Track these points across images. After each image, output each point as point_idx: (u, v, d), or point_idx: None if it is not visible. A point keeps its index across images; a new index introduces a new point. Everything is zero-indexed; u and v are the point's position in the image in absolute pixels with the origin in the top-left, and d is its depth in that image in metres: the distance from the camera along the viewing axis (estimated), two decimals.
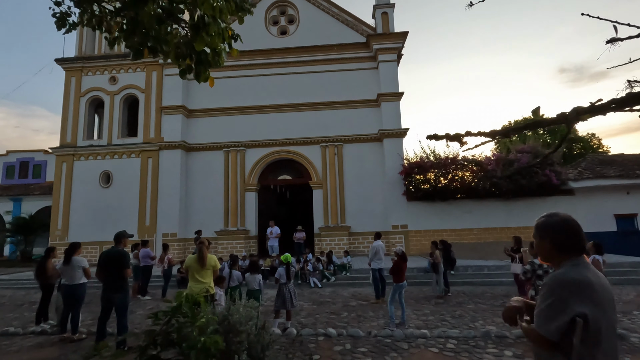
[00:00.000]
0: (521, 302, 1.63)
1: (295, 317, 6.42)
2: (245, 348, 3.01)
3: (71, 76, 16.61)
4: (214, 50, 2.21)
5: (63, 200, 15.56)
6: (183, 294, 2.73)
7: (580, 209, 13.90)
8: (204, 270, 4.81)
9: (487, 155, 14.80)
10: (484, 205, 14.15)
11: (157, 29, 2.07)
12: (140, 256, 9.13)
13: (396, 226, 14.28)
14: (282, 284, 5.91)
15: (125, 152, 15.81)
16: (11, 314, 7.61)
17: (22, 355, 4.73)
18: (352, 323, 6.09)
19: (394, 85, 15.34)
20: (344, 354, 4.47)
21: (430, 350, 4.51)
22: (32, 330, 5.87)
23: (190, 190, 15.57)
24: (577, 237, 1.49)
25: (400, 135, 14.91)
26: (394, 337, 5.06)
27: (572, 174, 14.38)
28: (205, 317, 2.77)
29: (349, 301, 8.06)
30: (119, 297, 4.69)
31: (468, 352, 4.41)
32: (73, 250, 5.50)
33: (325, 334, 5.26)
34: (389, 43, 15.55)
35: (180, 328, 2.56)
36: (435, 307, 7.22)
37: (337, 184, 15.01)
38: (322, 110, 15.67)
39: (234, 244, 14.56)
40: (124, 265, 4.73)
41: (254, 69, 16.23)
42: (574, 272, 1.41)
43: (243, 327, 3.08)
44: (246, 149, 15.64)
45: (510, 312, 1.61)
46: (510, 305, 1.64)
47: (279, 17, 16.93)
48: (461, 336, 5.02)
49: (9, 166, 22.32)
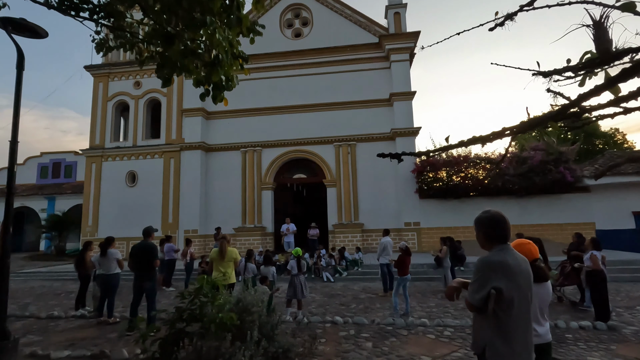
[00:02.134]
0: (460, 283, 2.07)
1: (306, 307, 6.91)
2: (257, 326, 3.50)
3: (99, 82, 17.66)
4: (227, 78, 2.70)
5: (93, 199, 16.63)
6: (205, 278, 3.25)
7: (597, 206, 13.81)
8: (225, 262, 5.40)
9: (500, 152, 14.83)
10: (496, 202, 14.19)
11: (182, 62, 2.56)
12: (165, 250, 9.83)
13: (409, 223, 14.57)
14: (294, 275, 6.40)
15: (149, 153, 16.72)
16: (52, 301, 8.45)
17: (68, 334, 5.42)
18: (359, 313, 6.53)
19: (406, 85, 15.56)
20: (348, 338, 4.92)
21: (428, 337, 4.90)
22: (72, 315, 6.61)
23: (209, 189, 16.33)
24: (501, 229, 1.90)
25: (412, 133, 15.15)
26: (395, 325, 5.47)
27: (589, 171, 14.24)
28: (222, 298, 3.28)
29: (358, 294, 8.49)
30: (148, 284, 5.32)
31: (462, 339, 4.77)
32: (108, 243, 6.19)
33: (332, 321, 5.73)
34: (401, 43, 15.77)
35: (202, 306, 3.08)
36: (440, 301, 7.55)
37: (350, 183, 15.41)
38: (335, 111, 16.08)
39: (252, 240, 15.21)
40: (153, 256, 5.37)
41: (269, 71, 16.79)
42: (497, 256, 1.83)
43: (255, 308, 3.58)
44: (262, 149, 16.24)
45: (450, 291, 2.04)
46: (451, 285, 2.07)
47: (294, 19, 17.42)
48: (459, 325, 5.38)
49: (43, 167, 23.84)
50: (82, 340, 5.06)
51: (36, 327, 5.91)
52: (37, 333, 5.52)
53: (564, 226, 13.72)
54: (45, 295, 9.37)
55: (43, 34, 3.78)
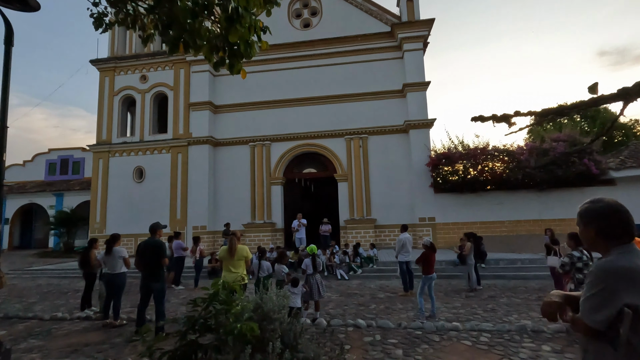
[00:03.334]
0: (562, 297, 1.53)
1: (323, 307, 6.49)
2: (279, 335, 3.06)
3: (105, 76, 17.35)
4: (246, 42, 2.24)
5: (100, 195, 16.39)
6: (220, 282, 2.82)
7: (623, 200, 12.62)
8: (236, 260, 4.95)
9: (520, 144, 14.20)
10: (516, 196, 13.63)
11: (191, 22, 2.12)
12: (173, 248, 9.48)
13: (423, 219, 14.05)
14: (309, 275, 5.97)
15: (157, 148, 16.39)
16: (58, 300, 8.14)
17: (71, 339, 5.06)
18: (381, 315, 6.08)
19: (420, 75, 14.96)
20: (375, 344, 4.47)
21: (463, 343, 4.43)
22: (77, 316, 6.27)
23: (218, 184, 15.97)
24: (625, 222, 1.41)
25: (426, 125, 14.58)
26: (424, 329, 5.01)
27: (614, 163, 13.55)
28: (240, 304, 2.85)
29: (376, 293, 8.04)
30: (156, 285, 4.91)
31: (502, 346, 4.29)
32: (114, 241, 5.80)
33: (354, 324, 5.29)
34: (414, 31, 15.14)
35: (217, 314, 2.65)
36: (466, 301, 7.07)
37: (362, 177, 14.92)
38: (346, 103, 15.56)
39: (261, 236, 14.83)
40: (161, 255, 4.95)
41: (278, 63, 16.31)
42: (623, 260, 1.34)
43: (276, 315, 3.14)
44: (271, 143, 15.81)
45: (551, 307, 1.50)
46: (550, 299, 1.53)
47: (302, 9, 16.87)
48: (495, 330, 4.90)
49: (50, 163, 23.73)
50: (86, 346, 4.68)
51: (39, 329, 5.56)
52: (39, 337, 5.17)
53: None
54: (51, 294, 9.08)
55: (34, 5, 3.36)
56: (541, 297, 7.19)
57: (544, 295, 7.37)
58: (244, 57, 2.31)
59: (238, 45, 2.23)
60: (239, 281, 4.72)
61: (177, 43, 2.21)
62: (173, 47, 2.24)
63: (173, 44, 2.22)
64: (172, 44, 2.21)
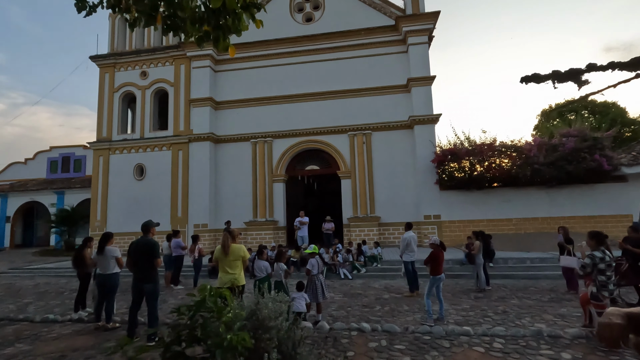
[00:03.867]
0: (624, 317, 1.20)
1: (326, 309, 6.20)
2: (276, 345, 2.78)
3: (105, 72, 17.13)
4: (234, 13, 1.94)
5: (101, 193, 16.20)
6: (207, 287, 2.53)
7: (636, 196, 12.69)
8: (231, 260, 4.66)
9: (527, 141, 13.79)
10: (524, 193, 13.26)
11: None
12: (172, 246, 9.24)
13: (428, 216, 13.71)
14: (313, 275, 5.69)
15: (157, 145, 16.16)
16: (53, 301, 7.93)
17: (60, 343, 4.81)
18: (386, 317, 5.78)
19: (425, 69, 14.59)
20: (380, 351, 4.18)
21: (476, 350, 4.12)
22: (69, 318, 6.03)
23: (219, 182, 15.72)
24: None
25: (432, 121, 14.21)
26: (433, 334, 4.71)
27: (625, 159, 13.13)
28: (232, 312, 2.56)
29: (381, 294, 7.74)
30: (148, 287, 4.63)
31: (519, 353, 3.98)
32: (106, 240, 5.54)
33: (358, 328, 4.99)
34: (419, 24, 14.75)
35: (204, 324, 2.37)
36: (475, 302, 6.75)
37: (366, 174, 14.60)
38: (349, 98, 15.23)
39: (263, 234, 14.58)
40: (153, 255, 4.67)
41: (279, 58, 16.00)
42: None
43: (273, 322, 2.85)
44: (273, 140, 15.52)
45: (612, 332, 1.18)
46: (610, 321, 1.20)
47: (304, 3, 16.52)
48: (509, 335, 4.58)
49: (52, 161, 23.62)
50: (75, 351, 4.43)
51: (28, 332, 5.32)
52: (27, 341, 4.93)
53: (597, 218, 12.72)
54: (48, 293, 8.88)
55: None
56: (553, 298, 6.85)
57: (556, 296, 7.03)
58: (231, 30, 2.01)
59: (225, 18, 1.94)
60: (236, 283, 4.44)
61: (154, 15, 1.92)
62: (149, 18, 1.95)
63: (149, 15, 1.93)
64: (148, 14, 1.92)
